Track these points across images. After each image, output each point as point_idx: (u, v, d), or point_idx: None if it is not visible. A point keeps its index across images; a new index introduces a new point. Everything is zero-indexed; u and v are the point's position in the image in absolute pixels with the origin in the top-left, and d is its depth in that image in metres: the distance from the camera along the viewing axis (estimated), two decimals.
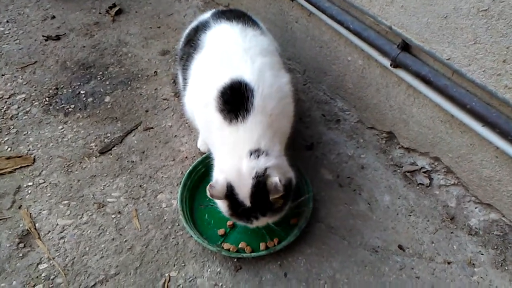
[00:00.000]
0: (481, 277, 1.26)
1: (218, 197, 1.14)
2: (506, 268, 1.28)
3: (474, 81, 1.19)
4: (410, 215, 1.43)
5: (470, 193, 1.41)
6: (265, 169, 1.11)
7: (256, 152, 1.13)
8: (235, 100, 1.16)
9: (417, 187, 1.51)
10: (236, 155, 1.13)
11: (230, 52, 1.27)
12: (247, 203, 1.13)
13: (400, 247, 1.34)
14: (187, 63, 1.37)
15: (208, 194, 1.12)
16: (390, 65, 1.42)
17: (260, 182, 1.10)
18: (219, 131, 1.19)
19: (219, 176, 1.16)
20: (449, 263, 1.30)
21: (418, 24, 1.28)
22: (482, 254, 1.32)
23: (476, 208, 1.40)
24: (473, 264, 1.29)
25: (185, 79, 1.39)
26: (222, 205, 1.20)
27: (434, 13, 1.21)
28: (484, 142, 1.26)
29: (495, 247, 1.33)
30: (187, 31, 1.56)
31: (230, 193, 1.13)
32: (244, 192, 1.12)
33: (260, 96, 1.16)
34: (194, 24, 1.54)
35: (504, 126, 1.14)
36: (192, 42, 1.39)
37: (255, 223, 1.18)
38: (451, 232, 1.38)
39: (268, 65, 1.26)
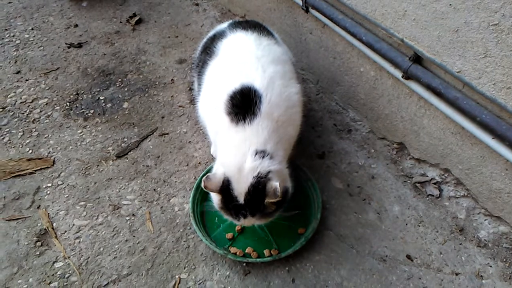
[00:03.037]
0: None
1: (211, 190, 1.15)
2: None
3: (484, 94, 1.20)
4: (419, 226, 1.43)
5: (480, 205, 1.41)
6: (268, 172, 1.13)
7: (262, 153, 1.14)
8: (243, 104, 1.19)
9: (427, 198, 1.51)
10: (240, 153, 1.15)
11: (243, 59, 1.30)
12: (241, 200, 1.13)
13: (408, 257, 1.34)
14: (203, 69, 1.41)
15: (202, 185, 1.13)
16: (402, 77, 1.44)
17: (260, 183, 1.11)
18: (226, 133, 1.21)
19: (218, 170, 1.17)
20: (457, 274, 1.30)
21: (429, 37, 1.30)
22: (491, 267, 1.31)
23: (485, 220, 1.40)
24: (481, 276, 1.29)
25: (200, 84, 1.44)
26: (215, 197, 1.21)
27: (445, 27, 1.24)
28: (495, 154, 1.26)
29: (504, 259, 1.32)
30: (204, 40, 1.61)
31: (225, 188, 1.14)
32: (241, 189, 1.13)
33: (268, 103, 1.19)
34: (211, 33, 1.59)
35: None
36: (208, 50, 1.44)
37: (242, 221, 1.18)
38: (460, 244, 1.38)
39: (279, 74, 1.28)
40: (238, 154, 1.15)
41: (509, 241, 1.35)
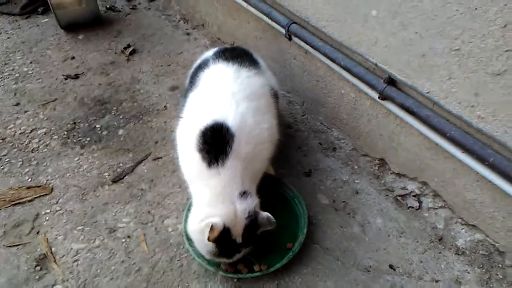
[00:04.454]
0: None
1: (213, 241, 1.19)
2: (491, 286, 1.35)
3: (451, 112, 1.30)
4: (401, 237, 1.51)
5: (457, 215, 1.49)
6: (254, 207, 1.25)
7: (244, 194, 1.24)
8: (214, 142, 1.23)
9: (408, 210, 1.59)
10: (227, 199, 1.22)
11: (218, 94, 1.35)
12: (239, 240, 1.24)
13: (391, 266, 1.41)
14: (185, 99, 1.48)
15: (209, 240, 1.17)
16: (378, 98, 1.54)
17: (253, 220, 1.23)
18: (198, 174, 1.27)
19: (216, 220, 1.18)
20: (437, 281, 1.37)
21: (400, 61, 1.41)
22: (469, 273, 1.39)
23: (462, 229, 1.48)
24: (460, 282, 1.36)
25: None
26: (207, 248, 1.25)
27: (413, 52, 1.35)
28: (465, 167, 1.35)
29: (481, 266, 1.40)
30: (192, 68, 1.67)
31: (224, 235, 1.19)
32: (238, 231, 1.23)
33: (239, 142, 1.24)
34: (198, 62, 1.64)
35: (480, 152, 1.24)
36: (192, 80, 1.51)
37: (236, 257, 1.28)
38: (439, 252, 1.45)
39: (252, 110, 1.33)
40: (225, 202, 1.22)
41: (485, 248, 1.42)
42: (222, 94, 1.35)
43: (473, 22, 1.14)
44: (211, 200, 1.25)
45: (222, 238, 1.20)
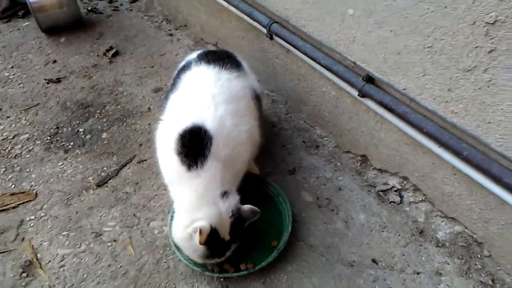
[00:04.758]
0: (448, 285, 1.37)
1: (204, 243, 1.21)
2: (471, 276, 1.39)
3: (427, 108, 1.33)
4: (383, 231, 1.54)
5: (436, 208, 1.53)
6: (236, 204, 1.28)
7: (225, 193, 1.27)
8: (193, 145, 1.25)
9: (389, 205, 1.63)
10: (210, 202, 1.25)
11: (198, 97, 1.36)
12: (227, 237, 1.27)
13: (373, 260, 1.45)
14: (167, 101, 1.49)
15: (201, 243, 1.20)
16: (358, 95, 1.57)
17: (237, 217, 1.27)
18: (178, 177, 1.29)
19: (202, 223, 1.21)
20: (418, 273, 1.40)
21: (377, 59, 1.44)
22: (448, 264, 1.43)
23: (442, 222, 1.52)
24: (440, 273, 1.40)
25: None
26: (197, 251, 1.27)
27: (389, 50, 1.38)
28: (443, 161, 1.39)
29: (460, 257, 1.44)
30: (176, 70, 1.66)
31: (213, 236, 1.22)
32: (225, 229, 1.26)
33: (217, 145, 1.26)
34: (182, 63, 1.64)
35: (456, 147, 1.28)
36: (174, 81, 1.52)
37: (226, 254, 1.31)
38: (420, 245, 1.49)
39: (231, 113, 1.34)
40: (209, 204, 1.25)
41: (464, 239, 1.46)
42: (202, 96, 1.36)
43: (443, 19, 1.17)
44: (193, 203, 1.27)
45: (212, 239, 1.22)
